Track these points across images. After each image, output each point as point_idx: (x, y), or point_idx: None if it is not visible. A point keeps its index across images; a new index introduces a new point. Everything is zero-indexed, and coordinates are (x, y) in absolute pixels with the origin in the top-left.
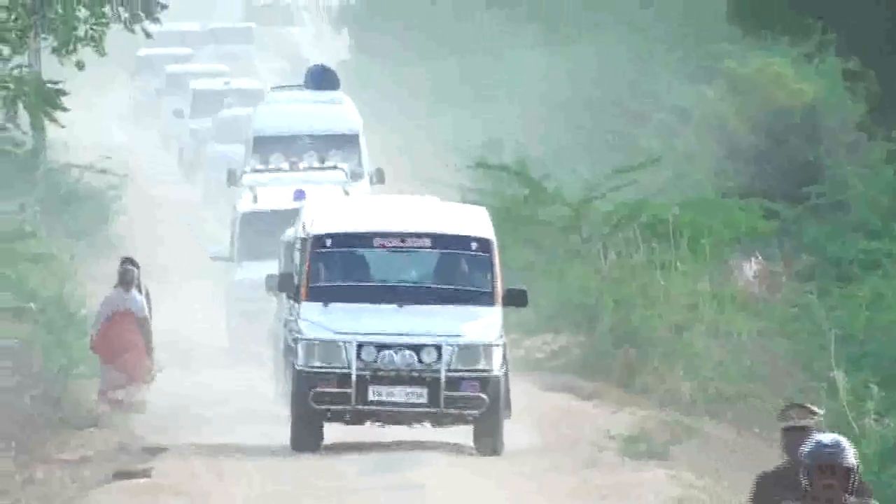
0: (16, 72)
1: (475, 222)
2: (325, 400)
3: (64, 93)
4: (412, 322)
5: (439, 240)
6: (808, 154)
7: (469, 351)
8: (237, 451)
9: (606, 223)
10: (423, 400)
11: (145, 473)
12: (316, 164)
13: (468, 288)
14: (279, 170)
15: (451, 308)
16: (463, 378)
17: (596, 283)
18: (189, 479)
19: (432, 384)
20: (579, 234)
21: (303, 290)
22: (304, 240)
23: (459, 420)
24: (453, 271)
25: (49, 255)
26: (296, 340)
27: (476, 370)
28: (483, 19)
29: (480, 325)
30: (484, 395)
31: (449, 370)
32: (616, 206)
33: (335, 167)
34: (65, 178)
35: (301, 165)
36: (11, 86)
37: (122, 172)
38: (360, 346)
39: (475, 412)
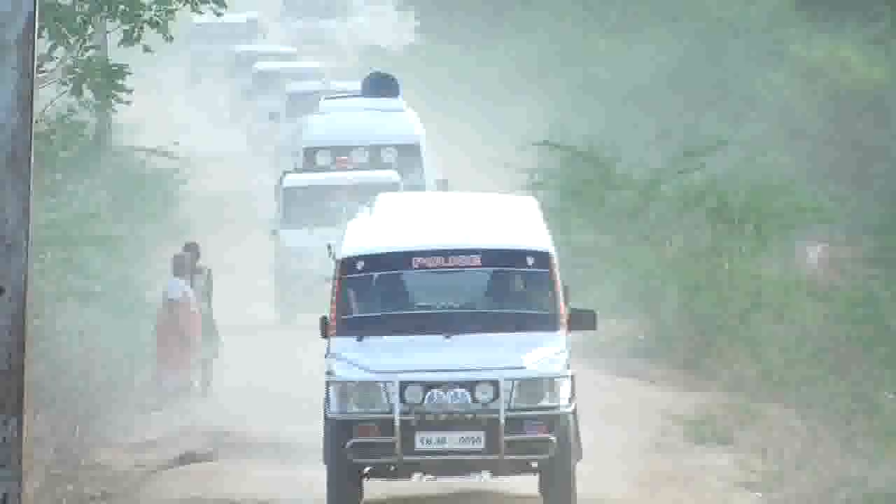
0: (82, 56)
1: (530, 230)
2: (365, 452)
3: (129, 72)
4: (463, 354)
5: (490, 256)
6: (876, 138)
7: (532, 386)
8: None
9: (673, 207)
10: (481, 446)
11: (209, 457)
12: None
13: (526, 311)
14: (326, 169)
15: (507, 336)
16: (526, 418)
17: (661, 268)
18: (252, 464)
19: (490, 427)
20: (646, 217)
21: (332, 324)
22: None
23: (523, 467)
24: (508, 292)
25: (115, 237)
26: (327, 384)
27: (541, 408)
28: (554, 4)
29: (543, 354)
30: (552, 437)
31: (509, 409)
32: (683, 189)
33: (389, 167)
34: (131, 161)
35: (349, 165)
36: (78, 70)
37: (187, 156)
38: (403, 385)
39: (541, 457)
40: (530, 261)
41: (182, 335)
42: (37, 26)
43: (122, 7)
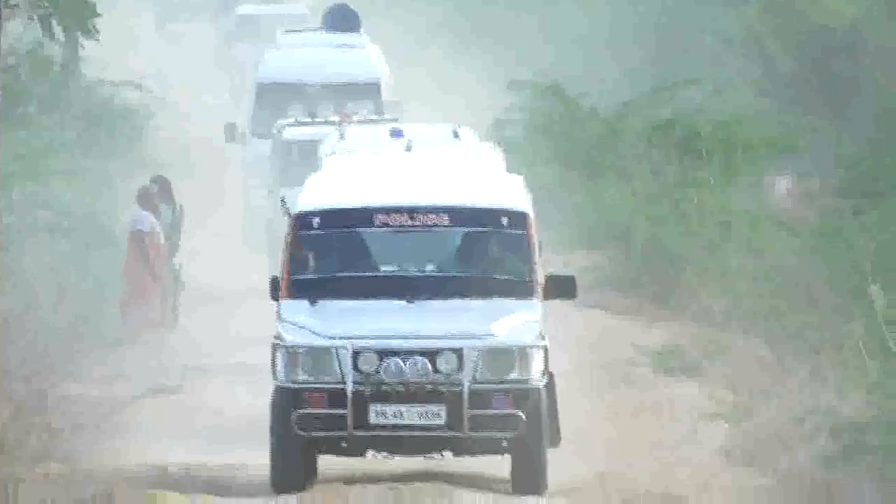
0: None
1: (506, 190)
2: (312, 424)
3: (97, 14)
4: (425, 321)
5: (459, 214)
6: (848, 73)
7: (500, 356)
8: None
9: (641, 140)
10: (441, 421)
11: (178, 390)
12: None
13: (499, 276)
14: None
15: (476, 302)
16: (492, 391)
17: (629, 201)
18: (223, 397)
19: (452, 400)
20: (614, 151)
21: (283, 285)
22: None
23: (490, 447)
24: (479, 255)
25: (83, 170)
26: (274, 349)
27: (510, 381)
28: None
29: (514, 322)
30: (520, 413)
31: (474, 381)
32: (650, 123)
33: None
34: (100, 95)
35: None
36: (45, 3)
37: (159, 94)
38: (357, 352)
39: (509, 435)
40: (505, 221)
41: (149, 267)
42: None
43: None
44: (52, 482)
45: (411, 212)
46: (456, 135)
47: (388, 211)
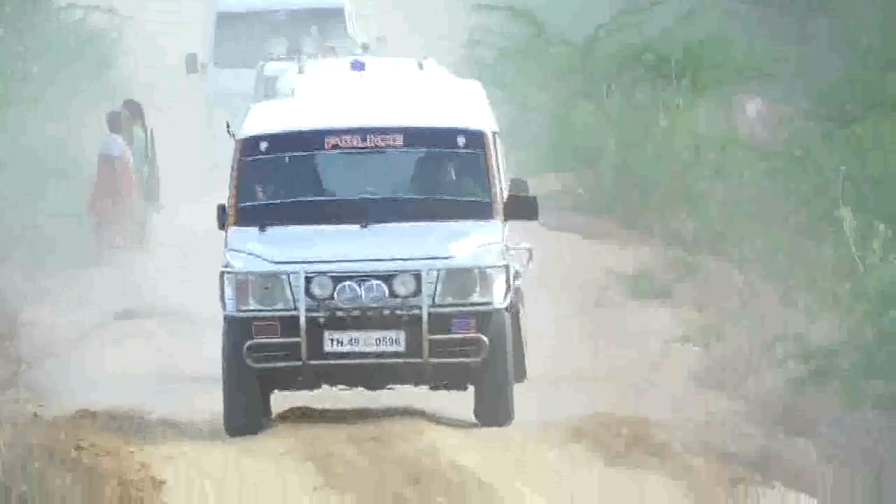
0: None
1: (464, 106)
2: (264, 355)
3: None
4: (380, 244)
5: (414, 135)
6: None
7: (459, 277)
8: None
9: (611, 63)
10: (401, 348)
11: (147, 315)
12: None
13: (457, 198)
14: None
15: (434, 225)
16: (453, 315)
17: (599, 124)
18: (190, 325)
19: (411, 325)
20: (583, 75)
21: (231, 212)
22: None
23: (452, 375)
24: (436, 177)
25: (50, 96)
26: (222, 277)
27: (470, 303)
28: None
29: (474, 243)
30: (483, 337)
31: (433, 305)
32: (620, 46)
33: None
34: (68, 19)
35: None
36: None
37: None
38: (309, 278)
39: (472, 359)
40: (461, 141)
41: (117, 191)
42: None
43: None
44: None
45: (363, 133)
46: (421, 67)
47: (338, 133)
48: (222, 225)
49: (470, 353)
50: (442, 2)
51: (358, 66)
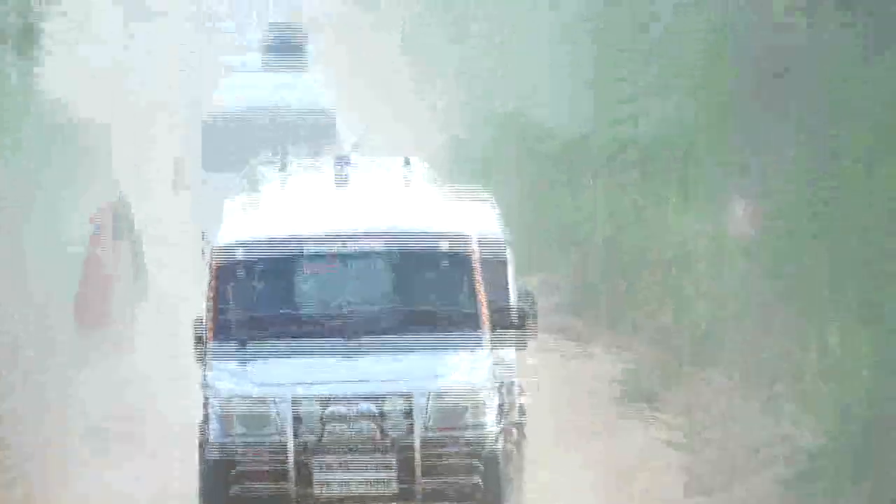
0: None
1: (448, 209)
2: (250, 486)
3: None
4: (368, 364)
5: (395, 240)
6: (801, 96)
7: (450, 400)
8: None
9: (599, 158)
10: (392, 473)
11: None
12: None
13: (442, 307)
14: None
15: (420, 339)
16: (445, 439)
17: (586, 219)
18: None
19: (403, 450)
20: (572, 169)
21: (209, 327)
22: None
23: (446, 499)
24: (420, 284)
25: (39, 189)
26: (205, 400)
27: (463, 426)
28: None
29: (463, 362)
30: (478, 463)
31: (425, 429)
32: (610, 140)
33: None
34: (61, 116)
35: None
36: None
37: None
38: (296, 401)
39: (465, 482)
40: (446, 246)
41: (110, 295)
42: None
43: None
44: None
45: (342, 239)
46: (407, 163)
47: (317, 240)
48: (199, 339)
49: (463, 477)
50: (432, 95)
51: (342, 163)
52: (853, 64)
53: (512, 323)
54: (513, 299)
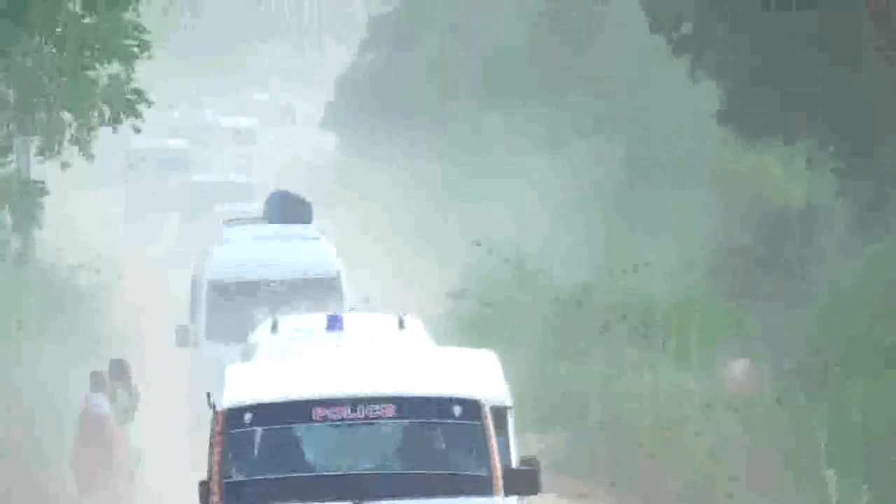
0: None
1: (457, 372)
2: None
3: (44, 192)
4: None
5: (407, 405)
6: (801, 255)
7: None
8: None
9: (596, 321)
10: None
11: None
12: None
13: (453, 472)
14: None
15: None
16: None
17: (584, 382)
18: None
19: None
20: (568, 332)
21: (216, 490)
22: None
23: None
24: (430, 448)
25: (38, 355)
26: None
27: None
28: (476, 121)
29: None
30: None
31: None
32: (607, 306)
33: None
34: (57, 277)
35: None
36: None
37: (115, 273)
38: None
39: None
40: (457, 411)
41: (108, 451)
42: None
43: (42, 123)
44: None
45: (353, 403)
46: (402, 325)
47: (327, 404)
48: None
49: None
50: (432, 253)
51: (335, 322)
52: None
53: (525, 486)
54: (514, 460)
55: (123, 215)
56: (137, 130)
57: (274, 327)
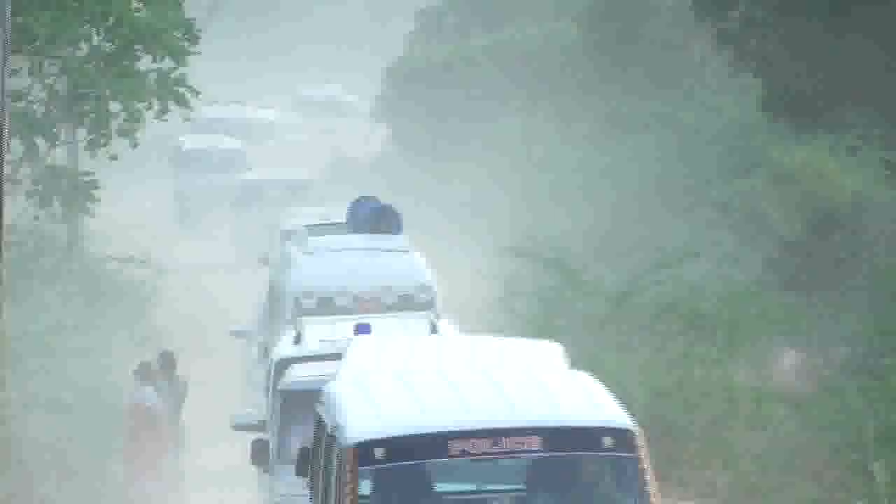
0: (49, 162)
1: (595, 397)
2: None
3: (96, 185)
4: None
5: (554, 437)
6: (851, 247)
7: None
8: None
9: (644, 314)
10: None
11: None
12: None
13: None
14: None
15: None
16: None
17: (633, 377)
18: None
19: None
20: (617, 326)
21: None
22: (329, 446)
23: None
24: (580, 486)
25: (87, 346)
26: None
27: None
28: (527, 116)
29: None
30: None
31: None
32: (655, 298)
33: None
34: (104, 270)
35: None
36: (40, 188)
37: (163, 266)
38: None
39: None
40: (608, 442)
41: (159, 444)
42: (7, 132)
43: (91, 115)
44: None
45: (494, 436)
46: (434, 329)
47: (466, 436)
48: (299, 473)
49: None
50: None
51: (364, 329)
52: None
53: None
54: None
55: (177, 215)
56: (186, 119)
57: (296, 339)
